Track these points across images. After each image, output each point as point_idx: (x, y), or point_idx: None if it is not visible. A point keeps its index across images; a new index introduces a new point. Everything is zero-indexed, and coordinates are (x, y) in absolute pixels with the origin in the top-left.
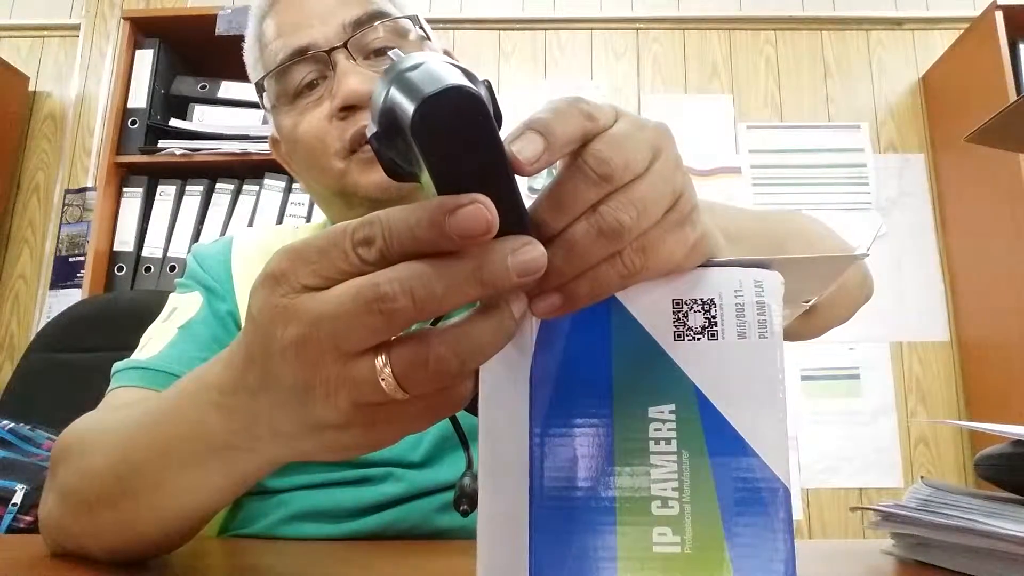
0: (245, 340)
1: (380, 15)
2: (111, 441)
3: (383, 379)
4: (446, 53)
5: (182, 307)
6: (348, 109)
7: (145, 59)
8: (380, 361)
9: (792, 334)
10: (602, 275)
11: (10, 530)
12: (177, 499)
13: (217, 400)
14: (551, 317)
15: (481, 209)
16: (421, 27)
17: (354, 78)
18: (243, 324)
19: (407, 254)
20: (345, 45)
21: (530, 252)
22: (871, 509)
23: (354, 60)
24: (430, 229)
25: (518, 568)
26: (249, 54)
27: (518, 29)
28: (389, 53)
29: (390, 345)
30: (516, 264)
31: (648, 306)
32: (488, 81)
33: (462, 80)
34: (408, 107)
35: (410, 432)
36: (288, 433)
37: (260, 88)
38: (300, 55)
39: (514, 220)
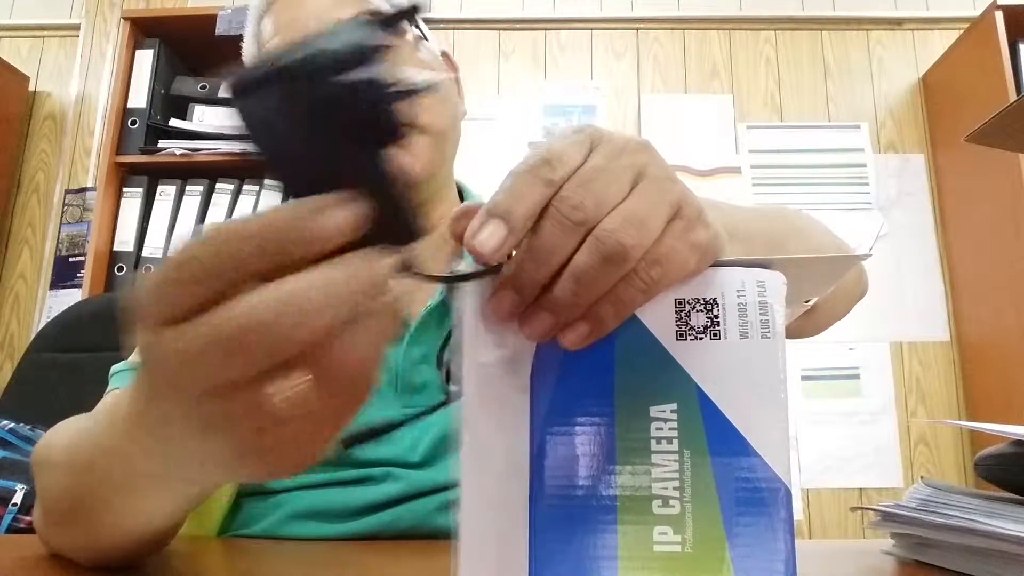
0: (145, 370)
1: (375, 15)
2: (68, 459)
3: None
4: (444, 55)
5: None
6: None
7: (145, 59)
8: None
9: (792, 332)
10: (623, 295)
11: (10, 530)
12: (132, 519)
13: (132, 434)
14: (581, 347)
15: (342, 209)
16: (417, 27)
17: None
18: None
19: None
20: None
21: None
22: (871, 509)
23: None
24: (290, 232)
25: (514, 566)
26: (247, 52)
27: (518, 29)
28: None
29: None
30: (316, 224)
31: (651, 305)
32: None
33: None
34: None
35: (322, 443)
36: (206, 459)
37: None
38: None
39: (389, 220)
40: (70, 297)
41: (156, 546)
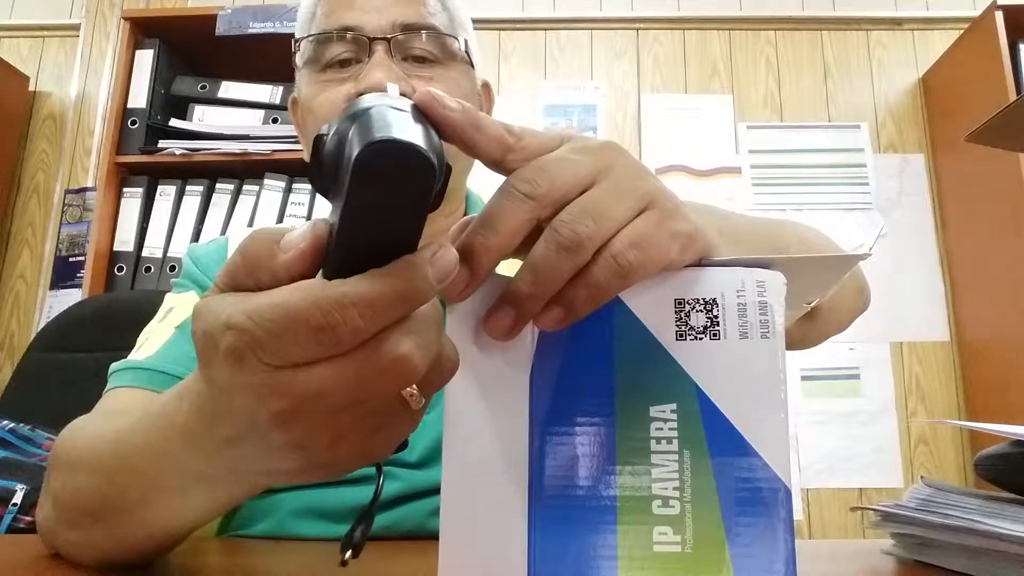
0: (212, 400)
1: (431, 28)
2: (99, 460)
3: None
4: (484, 87)
5: (178, 307)
6: None
7: (145, 59)
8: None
9: (792, 342)
10: (598, 279)
11: (10, 530)
12: (165, 518)
13: (193, 443)
14: (557, 329)
15: (453, 251)
16: (467, 52)
17: (383, 71)
18: (202, 381)
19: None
20: (389, 40)
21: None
22: (871, 509)
23: (391, 56)
24: (423, 286)
25: (513, 566)
26: (303, 12)
27: (518, 29)
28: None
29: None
30: (436, 272)
31: (650, 305)
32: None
33: (424, 144)
34: (363, 139)
35: (399, 441)
36: (273, 471)
37: (296, 45)
38: (346, 31)
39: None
40: (70, 297)
41: (177, 544)
